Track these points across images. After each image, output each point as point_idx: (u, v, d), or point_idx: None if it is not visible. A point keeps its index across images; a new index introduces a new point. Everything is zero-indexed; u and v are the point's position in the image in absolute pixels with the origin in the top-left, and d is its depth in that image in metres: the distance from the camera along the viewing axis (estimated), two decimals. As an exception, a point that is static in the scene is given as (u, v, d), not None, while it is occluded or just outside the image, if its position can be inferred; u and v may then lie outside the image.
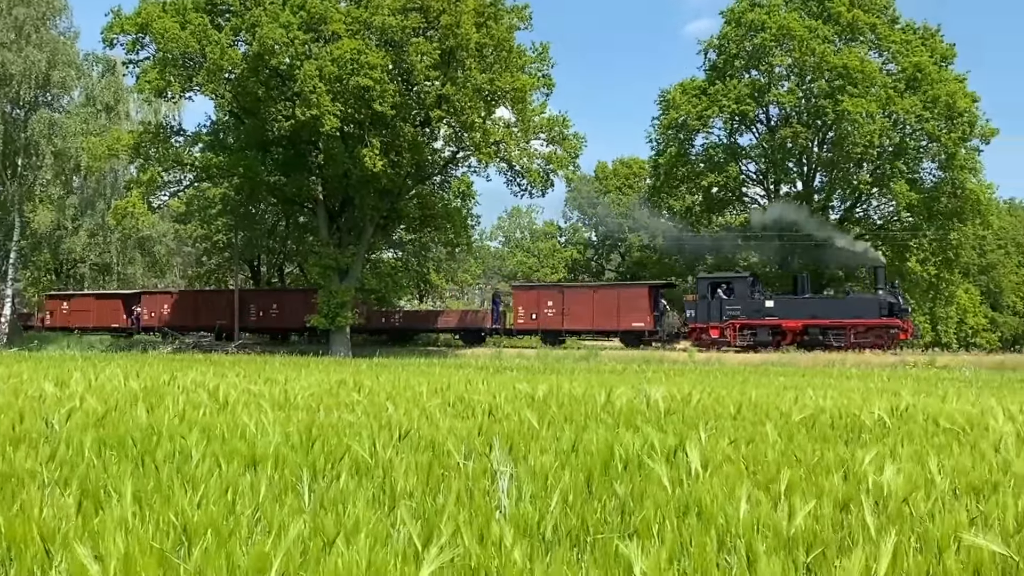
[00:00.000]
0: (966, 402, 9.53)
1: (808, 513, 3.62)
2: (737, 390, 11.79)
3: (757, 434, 6.45)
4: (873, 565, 2.78)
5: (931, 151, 43.91)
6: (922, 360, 30.95)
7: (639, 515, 3.66)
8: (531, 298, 41.85)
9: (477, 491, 4.19)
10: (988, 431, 6.75)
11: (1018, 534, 3.44)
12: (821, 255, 46.10)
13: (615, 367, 25.13)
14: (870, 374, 21.68)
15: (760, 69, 45.85)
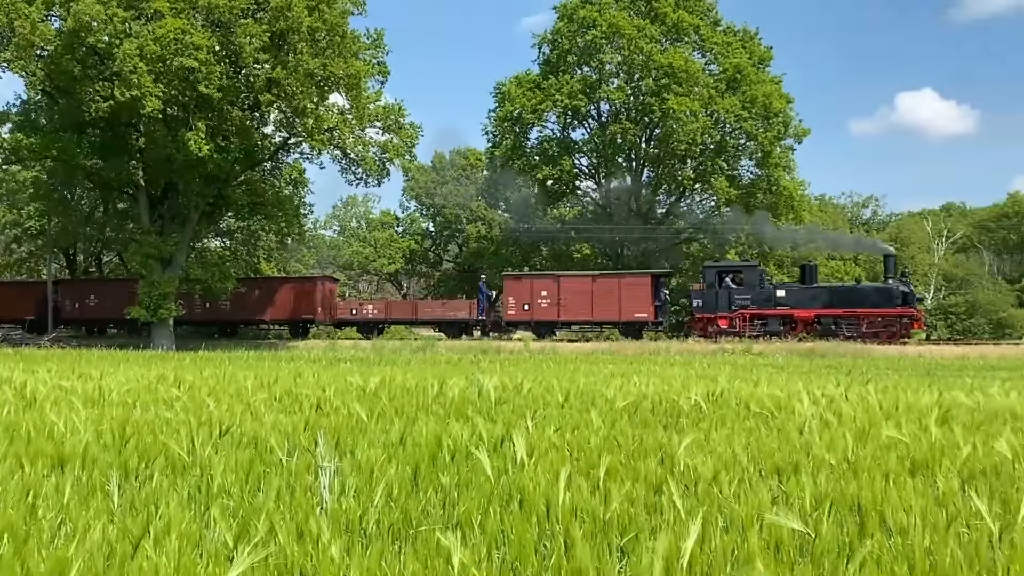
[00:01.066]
0: (776, 387, 10.09)
1: (624, 497, 3.75)
2: (567, 379, 12.05)
3: (582, 421, 6.62)
4: (681, 544, 2.91)
5: (749, 149, 46.37)
6: (739, 348, 32.63)
7: (462, 506, 3.68)
8: (523, 288, 39.76)
9: (299, 487, 4.11)
10: (794, 414, 7.19)
11: (815, 512, 3.68)
12: (649, 247, 47.92)
13: (451, 358, 25.21)
14: (692, 361, 22.66)
15: (591, 65, 47.04)
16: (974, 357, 27.77)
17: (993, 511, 3.61)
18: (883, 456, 4.92)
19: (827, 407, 7.58)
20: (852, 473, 4.60)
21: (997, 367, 20.97)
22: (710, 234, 49.27)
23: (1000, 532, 3.29)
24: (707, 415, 7.25)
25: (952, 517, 3.55)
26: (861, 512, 3.71)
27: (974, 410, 7.52)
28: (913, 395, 9.06)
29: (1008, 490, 4.11)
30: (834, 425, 6.46)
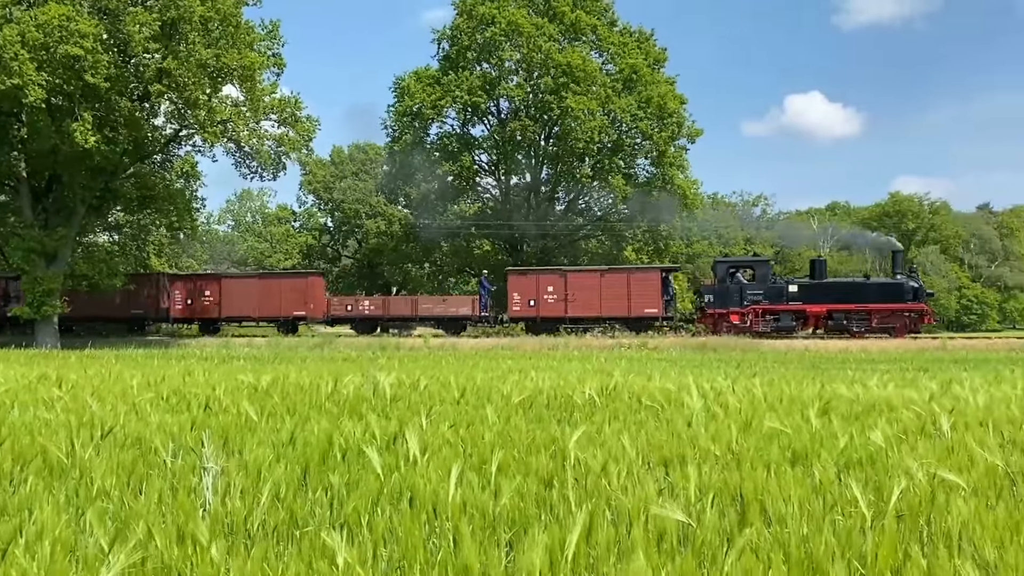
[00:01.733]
0: (668, 381, 10.31)
1: (515, 492, 3.77)
2: (465, 375, 12.05)
3: (478, 417, 6.63)
4: (567, 537, 2.94)
5: (644, 148, 47.25)
6: (636, 342, 33.23)
7: (351, 505, 3.64)
8: (529, 283, 38.77)
9: (182, 489, 3.99)
10: (683, 407, 7.35)
11: (699, 502, 3.77)
12: (548, 243, 48.34)
13: (349, 354, 24.92)
14: (590, 356, 22.96)
15: (491, 62, 47.18)
16: (856, 351, 28.93)
17: (867, 498, 3.77)
18: (765, 447, 5.07)
19: (715, 400, 7.78)
20: (736, 464, 4.73)
21: (878, 360, 21.88)
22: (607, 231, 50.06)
23: (872, 519, 3.42)
24: (600, 409, 7.35)
25: (828, 505, 3.69)
26: (743, 502, 3.82)
27: (853, 402, 7.83)
28: (796, 388, 9.37)
29: (882, 478, 4.29)
30: (721, 417, 6.63)
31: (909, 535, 3.35)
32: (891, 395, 8.23)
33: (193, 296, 40.67)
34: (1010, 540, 3.06)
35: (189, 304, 40.72)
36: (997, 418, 6.55)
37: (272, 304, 40.10)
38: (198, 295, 40.68)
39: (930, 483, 4.11)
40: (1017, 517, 3.41)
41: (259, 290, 40.51)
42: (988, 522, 3.33)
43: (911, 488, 4.06)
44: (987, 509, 3.56)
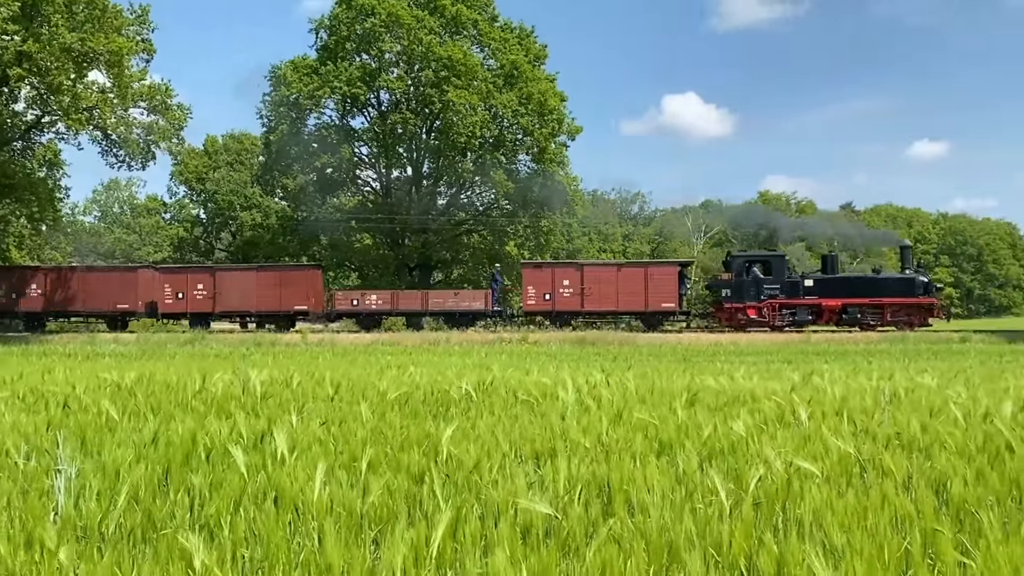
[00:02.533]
0: (545, 375, 10.43)
1: (384, 488, 3.74)
2: (342, 371, 11.89)
3: (351, 414, 6.55)
4: (433, 533, 2.94)
5: (526, 144, 47.59)
6: (516, 337, 33.48)
7: (213, 506, 3.54)
8: (544, 277, 37.74)
9: (33, 492, 3.80)
10: (558, 401, 7.45)
11: (567, 495, 3.82)
12: (430, 238, 48.17)
13: (222, 351, 24.24)
14: (471, 351, 23.02)
15: (371, 53, 46.61)
16: (726, 343, 29.93)
17: (727, 487, 3.90)
18: (633, 438, 5.18)
19: (588, 393, 7.91)
20: (605, 456, 4.82)
21: (746, 352, 22.71)
22: (489, 226, 50.25)
23: (731, 507, 3.54)
24: (476, 404, 7.37)
25: (689, 494, 3.80)
26: (609, 493, 3.90)
27: (719, 393, 8.09)
28: (667, 380, 9.63)
29: (742, 467, 4.44)
30: (593, 410, 6.75)
31: (765, 522, 3.48)
32: (755, 387, 8.55)
33: (184, 290, 38.53)
34: (857, 525, 3.21)
35: (178, 298, 38.50)
36: (852, 408, 6.88)
37: (271, 298, 38.39)
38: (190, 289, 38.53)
39: (787, 471, 4.28)
40: (865, 503, 3.58)
41: (258, 283, 38.62)
42: (838, 508, 3.49)
43: (769, 476, 4.22)
44: (838, 496, 3.74)
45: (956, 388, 8.54)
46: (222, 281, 38.42)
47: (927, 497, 3.77)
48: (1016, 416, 6.31)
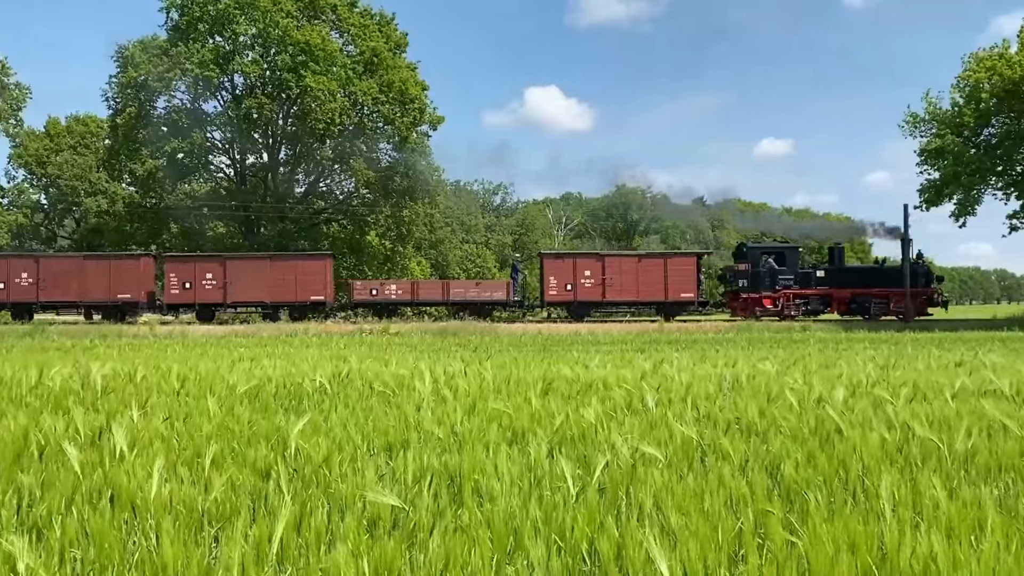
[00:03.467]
0: (404, 366, 10.38)
1: (227, 485, 3.63)
2: (191, 364, 11.48)
3: (198, 408, 6.34)
4: (274, 529, 2.87)
5: (387, 133, 47.13)
6: (378, 328, 33.16)
7: (43, 506, 3.36)
8: (565, 267, 37.69)
9: None
10: (414, 392, 7.43)
11: (416, 486, 3.81)
12: (287, 227, 47.07)
13: (63, 343, 22.98)
14: (329, 342, 22.62)
15: (225, 35, 45.08)
16: (585, 333, 30.55)
17: (575, 473, 3.98)
18: (487, 428, 5.22)
19: (446, 383, 7.92)
20: (458, 446, 4.84)
21: (602, 342, 23.23)
22: (349, 215, 49.54)
23: (577, 493, 3.62)
24: (331, 396, 7.27)
25: (538, 481, 3.85)
26: (460, 482, 3.91)
27: (573, 382, 8.25)
28: (525, 370, 9.75)
29: (591, 453, 4.54)
30: (450, 400, 6.76)
31: (609, 507, 3.57)
32: (608, 375, 8.76)
33: (192, 280, 37.12)
34: (694, 508, 3.33)
35: (185, 289, 37.01)
36: (697, 394, 7.15)
37: (287, 288, 37.21)
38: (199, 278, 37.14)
39: (633, 457, 4.41)
40: (703, 486, 3.72)
41: (272, 273, 37.51)
42: (678, 491, 3.62)
43: (615, 462, 4.34)
44: (678, 480, 3.87)
45: (794, 375, 9.00)
46: (234, 270, 37.33)
47: (761, 479, 3.96)
48: (847, 401, 6.71)
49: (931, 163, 35.88)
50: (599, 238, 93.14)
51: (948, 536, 2.97)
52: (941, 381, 7.93)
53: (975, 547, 2.82)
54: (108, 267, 37.13)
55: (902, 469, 4.19)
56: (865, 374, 9.03)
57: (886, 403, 6.52)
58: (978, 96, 33.74)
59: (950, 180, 34.77)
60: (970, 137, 34.89)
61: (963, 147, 34.44)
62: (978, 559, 2.57)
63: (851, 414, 5.90)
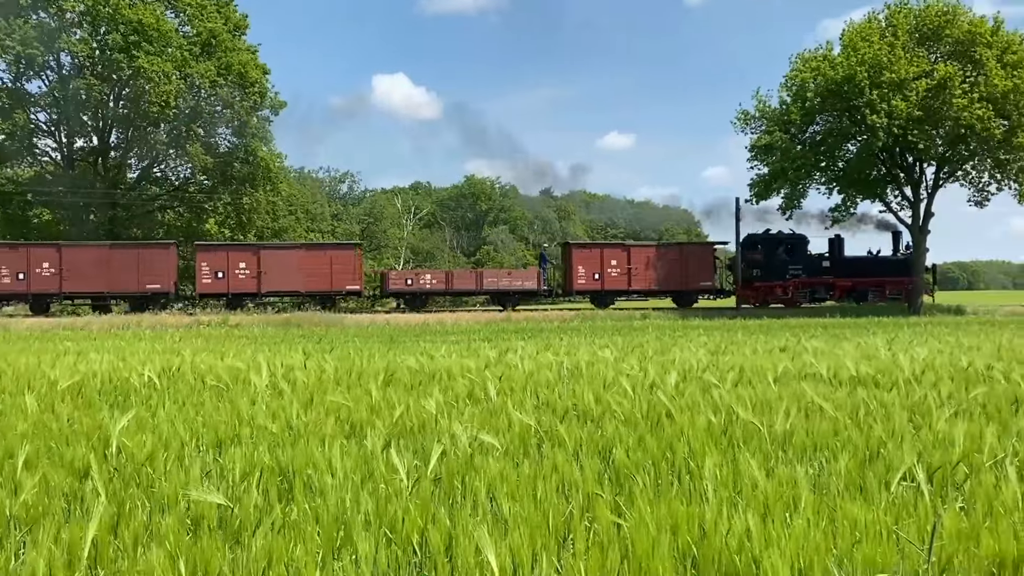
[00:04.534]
0: (241, 359, 10.07)
1: (40, 486, 3.42)
2: (10, 359, 10.77)
3: (14, 405, 5.96)
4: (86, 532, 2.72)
5: (225, 117, 45.47)
6: (216, 320, 32.05)
7: None
8: (593, 257, 38.99)
9: None
10: (250, 386, 7.22)
11: (244, 482, 3.70)
12: (119, 214, 44.83)
13: None
14: (163, 335, 21.71)
15: (50, 11, 42.35)
16: (433, 323, 30.54)
17: (412, 464, 3.96)
18: (324, 421, 5.13)
19: (284, 376, 7.74)
20: (293, 440, 4.73)
21: (451, 332, 23.28)
22: (186, 202, 47.59)
23: (412, 484, 3.60)
24: (160, 391, 6.97)
25: (371, 473, 3.81)
26: (292, 478, 3.82)
27: (417, 372, 8.23)
28: (368, 361, 9.64)
29: (430, 444, 4.53)
30: (287, 393, 6.61)
31: (444, 497, 3.57)
32: (452, 364, 8.78)
33: (225, 269, 36.42)
34: (527, 494, 3.37)
35: (219, 278, 36.27)
36: (538, 382, 7.27)
37: (321, 277, 36.84)
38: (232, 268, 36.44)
39: (471, 446, 4.43)
40: (536, 473, 3.78)
41: (305, 262, 37.11)
42: (512, 479, 3.65)
43: (453, 452, 4.35)
44: (514, 467, 3.91)
45: (631, 362, 9.28)
46: (268, 260, 36.75)
47: (594, 464, 4.06)
48: (679, 385, 6.97)
49: (761, 159, 37.61)
50: (448, 228, 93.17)
51: (764, 514, 3.12)
52: (765, 366, 8.36)
53: (788, 524, 2.97)
54: (136, 256, 36.16)
55: (725, 451, 4.38)
56: (696, 360, 9.41)
57: (714, 387, 6.82)
58: (804, 95, 35.59)
59: (778, 175, 36.54)
60: (796, 134, 36.76)
61: (790, 144, 36.25)
62: (789, 535, 2.71)
63: (681, 398, 6.13)
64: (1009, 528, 2.82)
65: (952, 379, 7.19)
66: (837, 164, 36.94)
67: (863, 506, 3.14)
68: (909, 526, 2.91)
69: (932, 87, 33.05)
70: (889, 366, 8.03)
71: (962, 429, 4.39)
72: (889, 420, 5.13)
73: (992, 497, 3.26)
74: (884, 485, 3.54)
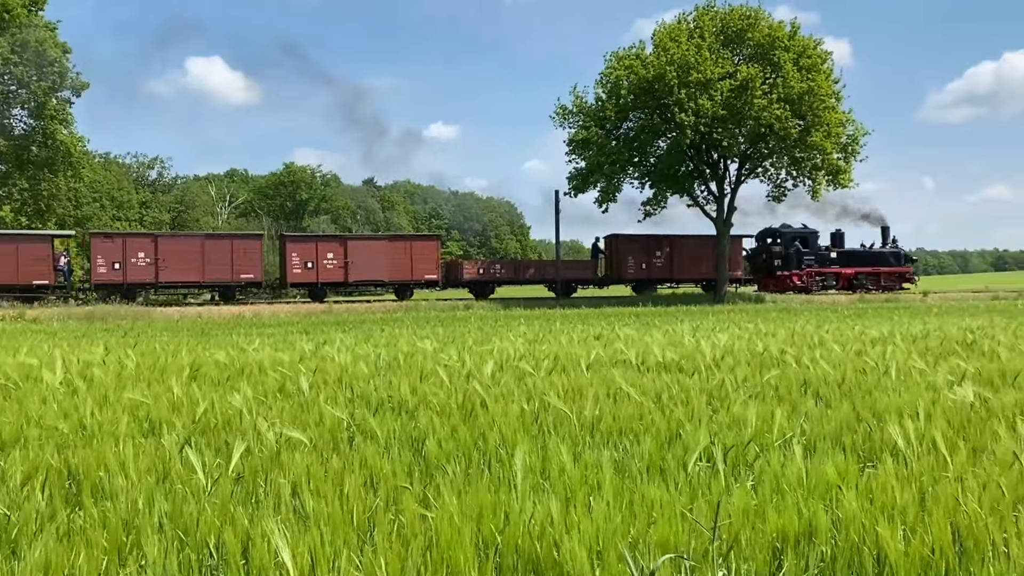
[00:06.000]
0: (33, 355, 9.39)
1: None
2: None
3: None
4: None
5: (21, 98, 42.24)
6: (12, 314, 29.83)
7: None
8: (638, 248, 42.73)
9: None
10: (42, 383, 6.74)
11: (26, 487, 3.43)
12: None
13: None
14: None
15: None
16: (249, 316, 29.60)
17: (214, 463, 3.79)
18: (120, 419, 4.84)
19: (80, 373, 7.27)
20: (86, 440, 4.44)
21: (268, 324, 22.62)
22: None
23: (212, 484, 3.44)
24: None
25: (167, 474, 3.63)
26: (81, 480, 3.58)
27: (226, 366, 7.92)
28: (174, 355, 9.21)
29: (234, 441, 4.35)
30: (82, 391, 6.20)
31: (246, 496, 3.44)
32: (265, 358, 8.51)
33: (314, 259, 38.11)
34: (333, 490, 3.29)
35: (308, 268, 37.97)
36: (354, 374, 7.15)
37: (403, 267, 39.11)
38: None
39: (278, 442, 4.29)
40: (345, 467, 3.70)
41: (389, 252, 39.34)
42: (319, 475, 3.56)
43: (259, 449, 4.20)
44: (321, 463, 3.82)
45: (450, 352, 9.30)
46: (355, 250, 38.40)
47: (405, 456, 4.02)
48: (495, 375, 7.04)
49: (578, 153, 38.63)
50: (267, 217, 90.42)
51: (568, 499, 3.18)
52: (579, 353, 8.57)
53: (590, 508, 3.04)
54: (229, 247, 37.28)
55: (536, 438, 4.44)
56: (514, 349, 9.55)
57: (529, 376, 6.93)
58: (618, 92, 36.83)
59: (594, 169, 37.64)
60: (611, 130, 37.97)
61: (606, 139, 37.41)
62: (591, 519, 2.77)
63: (497, 387, 6.19)
64: (793, 504, 2.99)
65: (749, 364, 7.61)
66: (649, 160, 38.43)
67: (661, 487, 3.26)
68: (702, 506, 3.03)
69: (735, 87, 34.95)
70: (692, 352, 8.41)
71: (754, 411, 4.65)
72: (689, 404, 5.37)
73: (779, 475, 3.45)
74: (682, 466, 3.68)
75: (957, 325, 14.18)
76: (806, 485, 3.30)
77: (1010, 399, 5.21)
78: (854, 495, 2.98)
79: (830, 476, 3.30)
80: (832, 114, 35.87)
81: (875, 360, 7.59)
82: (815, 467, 3.45)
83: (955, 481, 3.34)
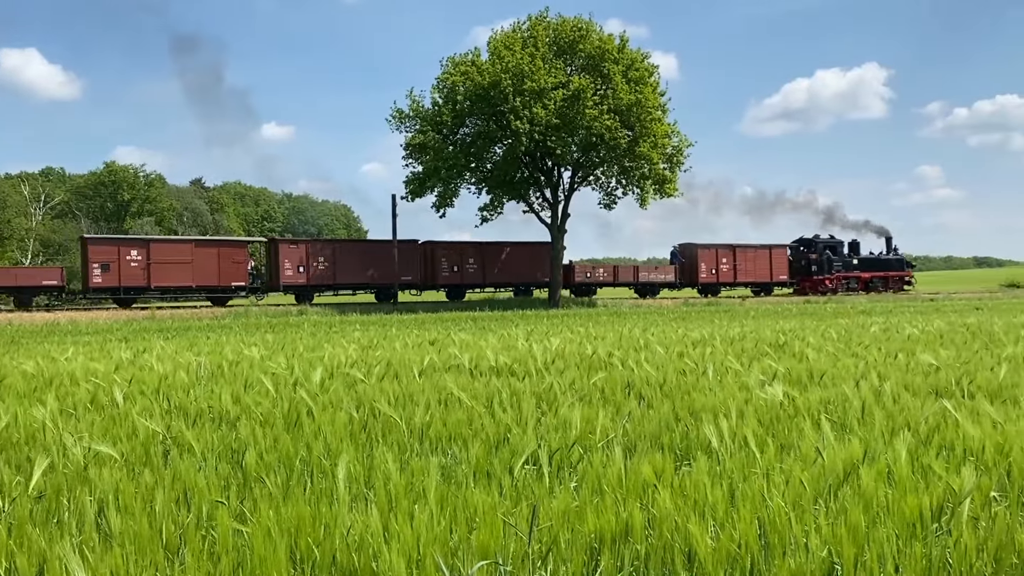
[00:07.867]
0: None
1: None
2: None
3: None
4: None
5: None
6: None
7: None
8: (711, 256, 49.55)
9: None
10: None
11: None
12: None
13: None
14: None
15: None
16: (65, 322, 27.87)
17: (13, 481, 3.53)
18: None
19: None
20: None
21: (85, 331, 21.37)
22: None
23: (8, 504, 3.20)
24: None
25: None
26: None
27: (33, 377, 7.41)
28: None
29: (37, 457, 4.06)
30: None
31: (47, 516, 3.21)
32: (77, 367, 8.01)
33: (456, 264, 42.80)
34: (142, 507, 3.12)
35: (463, 269, 43.25)
36: (172, 384, 6.84)
37: (521, 270, 44.72)
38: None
39: (85, 457, 4.03)
40: (157, 483, 3.52)
41: (514, 257, 44.79)
42: (128, 491, 3.37)
43: (64, 465, 3.94)
44: (132, 479, 3.61)
45: (278, 359, 9.05)
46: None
47: (223, 469, 3.87)
48: (324, 382, 6.89)
49: (415, 157, 38.54)
50: (86, 218, 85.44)
51: (392, 508, 3.14)
52: (413, 359, 8.52)
53: (412, 516, 3.00)
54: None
55: (362, 446, 4.37)
56: (346, 355, 9.39)
57: (360, 382, 6.82)
58: (455, 98, 36.98)
59: (432, 173, 37.63)
60: (448, 135, 38.09)
61: (443, 144, 37.48)
62: (412, 527, 2.73)
63: (325, 395, 6.05)
64: (612, 505, 3.06)
65: (578, 367, 7.78)
66: (485, 165, 38.78)
67: (486, 492, 3.26)
68: (525, 509, 3.05)
69: (568, 97, 35.79)
70: (525, 356, 8.52)
71: (579, 413, 4.74)
72: (518, 407, 5.42)
73: (600, 475, 3.52)
74: (509, 470, 3.70)
75: (771, 328, 15.02)
76: (625, 485, 3.39)
77: (816, 397, 5.53)
78: (669, 494, 3.07)
79: (647, 475, 3.39)
80: (659, 126, 37.30)
81: (695, 361, 7.92)
82: (634, 467, 3.54)
83: (763, 477, 3.51)
